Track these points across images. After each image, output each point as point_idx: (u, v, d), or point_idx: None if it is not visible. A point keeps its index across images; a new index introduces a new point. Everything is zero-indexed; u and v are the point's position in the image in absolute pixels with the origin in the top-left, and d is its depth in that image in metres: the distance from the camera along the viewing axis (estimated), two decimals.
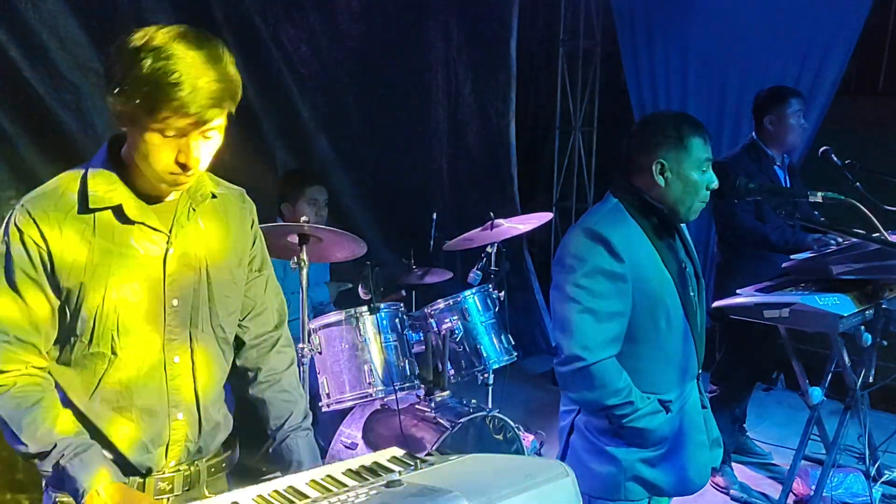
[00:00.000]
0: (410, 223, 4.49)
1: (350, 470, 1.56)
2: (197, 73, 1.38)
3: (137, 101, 1.38)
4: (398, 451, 1.65)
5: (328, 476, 1.52)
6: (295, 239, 2.75)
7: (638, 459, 1.99)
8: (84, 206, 1.51)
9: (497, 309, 3.38)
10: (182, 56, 1.37)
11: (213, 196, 1.66)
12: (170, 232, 1.58)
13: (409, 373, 2.98)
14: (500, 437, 3.07)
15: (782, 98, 3.51)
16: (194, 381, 1.64)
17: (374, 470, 1.55)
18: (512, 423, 3.06)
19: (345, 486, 1.47)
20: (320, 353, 2.88)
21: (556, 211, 5.96)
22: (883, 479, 3.67)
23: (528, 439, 3.64)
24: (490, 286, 3.42)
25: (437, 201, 4.95)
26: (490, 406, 3.32)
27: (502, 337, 3.30)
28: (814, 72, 4.45)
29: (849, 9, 4.34)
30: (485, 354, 3.20)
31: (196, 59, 1.39)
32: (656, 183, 1.98)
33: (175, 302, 1.59)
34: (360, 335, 2.88)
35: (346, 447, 2.97)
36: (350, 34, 4.55)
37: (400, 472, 1.48)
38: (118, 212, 1.53)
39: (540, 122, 6.12)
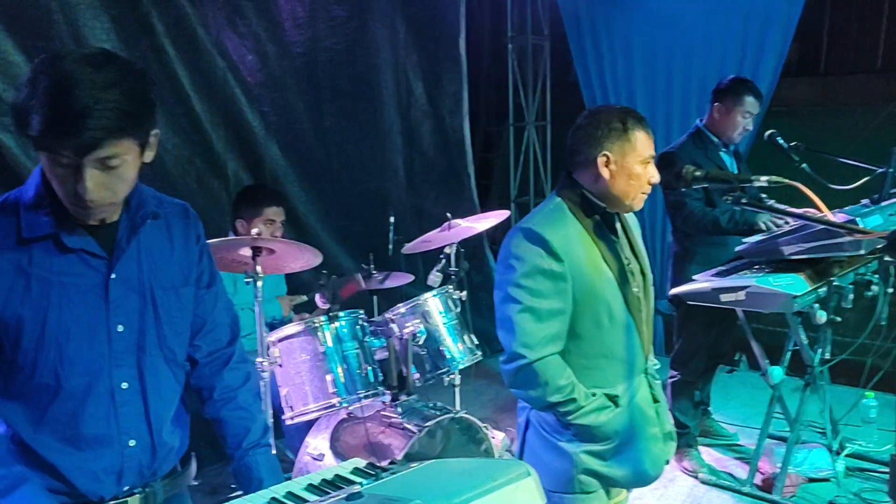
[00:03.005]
0: (369, 228, 4.47)
1: (311, 485, 1.54)
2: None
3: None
4: (360, 462, 1.64)
5: (289, 493, 1.50)
6: (248, 252, 2.71)
7: (588, 453, 2.01)
8: (18, 237, 1.46)
9: (459, 309, 3.37)
10: (80, 78, 1.33)
11: (155, 217, 1.61)
12: (111, 257, 1.53)
13: (373, 380, 2.96)
14: (468, 437, 3.06)
15: (739, 93, 3.55)
16: (145, 406, 1.60)
17: (336, 483, 1.54)
18: (479, 423, 3.06)
19: (305, 501, 1.45)
20: (280, 365, 2.84)
21: (515, 207, 5.98)
22: (846, 452, 3.75)
23: (497, 437, 3.64)
24: (451, 287, 3.41)
25: (394, 204, 4.94)
26: (458, 407, 3.31)
27: (465, 337, 3.29)
28: (755, 57, 4.54)
29: None
30: (449, 356, 3.19)
31: (94, 82, 1.34)
32: (601, 176, 1.99)
33: (120, 328, 1.55)
34: (321, 345, 2.85)
35: (313, 459, 2.94)
36: (296, 41, 4.52)
37: (361, 484, 1.46)
38: (55, 239, 1.48)
39: (493, 119, 6.15)
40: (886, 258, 1.59)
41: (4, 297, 1.46)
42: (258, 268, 2.64)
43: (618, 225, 2.10)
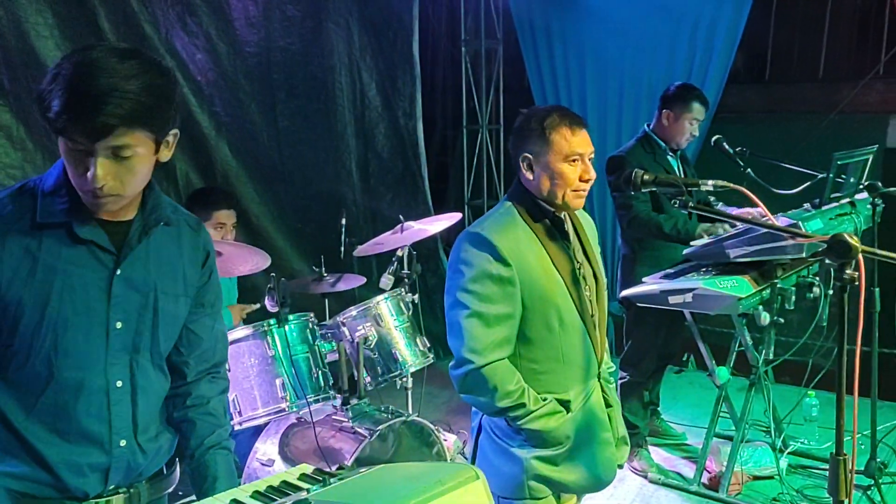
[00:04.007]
0: (323, 230, 4.43)
1: (257, 492, 1.51)
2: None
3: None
4: (308, 468, 1.62)
5: (234, 500, 1.48)
6: None
7: (539, 459, 2.00)
8: (32, 221, 1.48)
9: (411, 312, 3.36)
10: (103, 66, 1.36)
11: (167, 223, 1.62)
12: (119, 253, 1.54)
13: (323, 384, 2.94)
14: (420, 441, 3.05)
15: (686, 100, 3.61)
16: (136, 407, 1.60)
17: (283, 490, 1.52)
18: (431, 426, 3.05)
19: None
20: (228, 370, 2.79)
21: (469, 210, 6.00)
22: (789, 450, 3.85)
23: (450, 440, 3.64)
24: (403, 290, 3.40)
25: (348, 206, 4.90)
26: (410, 410, 3.30)
27: (418, 340, 3.28)
28: (703, 64, 4.64)
29: (733, 2, 4.54)
30: (400, 359, 3.18)
31: (116, 71, 1.37)
32: (527, 178, 2.01)
33: (118, 325, 1.55)
34: (270, 349, 2.82)
35: (262, 465, 2.89)
36: (249, 40, 4.46)
37: (308, 490, 1.45)
38: (68, 229, 1.49)
39: (447, 122, 6.15)
40: (827, 261, 1.63)
41: (9, 277, 1.46)
42: None
43: (569, 228, 2.10)
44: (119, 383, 1.57)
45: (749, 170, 3.47)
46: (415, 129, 5.34)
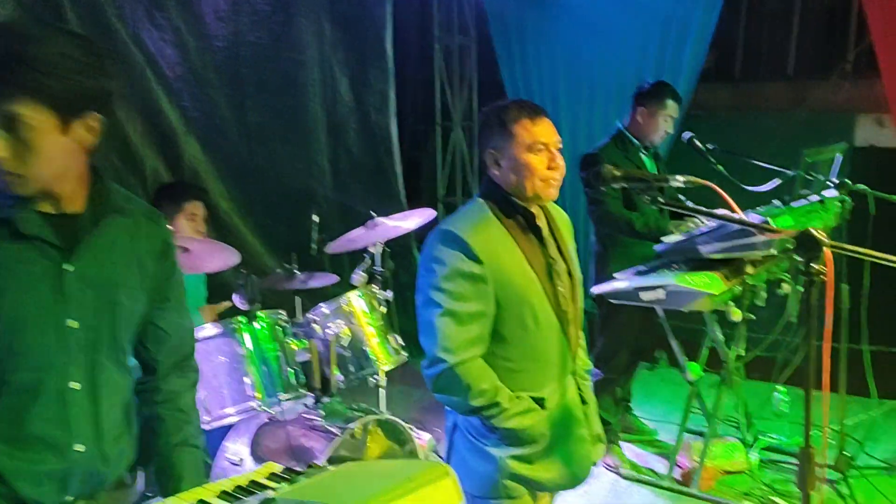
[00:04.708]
0: (293, 226, 4.38)
1: (224, 492, 1.49)
2: None
3: None
4: (276, 467, 1.59)
5: (201, 501, 1.44)
6: None
7: (514, 457, 1.98)
8: None
9: (385, 309, 3.33)
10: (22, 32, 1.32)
11: (120, 212, 1.54)
12: (69, 248, 1.47)
13: (294, 382, 2.90)
14: (393, 439, 3.03)
15: (660, 97, 3.63)
16: (95, 410, 1.53)
17: (249, 489, 1.49)
18: (403, 424, 3.03)
19: None
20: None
21: (443, 207, 5.98)
22: (759, 445, 3.89)
23: (424, 438, 3.62)
24: (375, 287, 3.37)
25: (319, 202, 4.86)
26: (383, 409, 3.27)
27: (391, 338, 3.25)
28: (674, 62, 4.67)
29: (704, 1, 4.57)
30: (373, 357, 3.14)
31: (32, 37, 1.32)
32: (496, 174, 2.00)
33: (73, 324, 1.48)
34: (239, 347, 2.77)
35: (231, 464, 2.85)
36: (218, 34, 4.40)
37: (275, 489, 1.42)
38: (9, 226, 1.41)
39: (421, 118, 6.13)
40: (796, 257, 1.64)
41: None
42: None
43: (543, 224, 2.08)
44: (77, 385, 1.50)
45: (720, 167, 3.49)
46: (387, 125, 5.31)
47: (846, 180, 3.50)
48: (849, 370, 3.52)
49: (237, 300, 2.80)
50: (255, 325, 2.84)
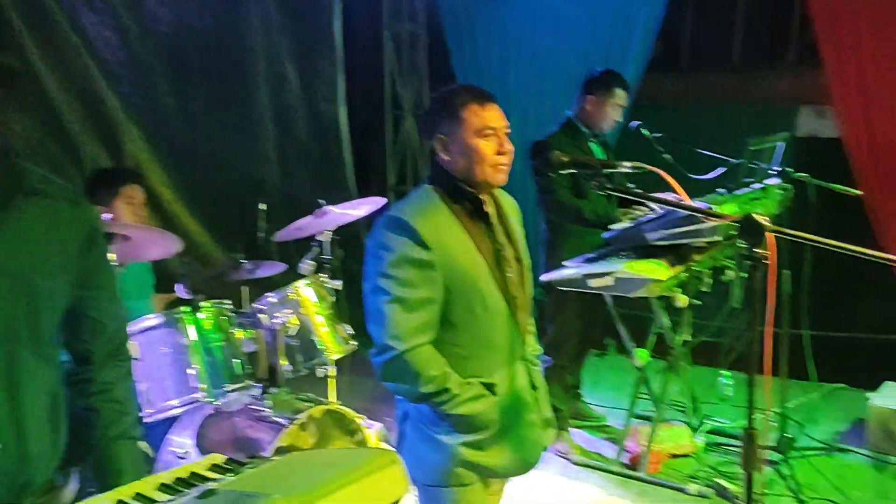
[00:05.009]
0: (241, 215, 4.30)
1: (164, 484, 1.44)
2: None
3: None
4: (219, 458, 1.55)
5: (138, 494, 1.40)
6: None
7: (465, 444, 1.97)
8: None
9: (334, 299, 3.30)
10: None
11: (35, 193, 1.45)
12: None
13: (240, 372, 2.84)
14: (342, 429, 3.00)
15: (608, 85, 3.65)
16: (15, 405, 1.43)
17: (191, 481, 1.44)
18: (353, 414, 3.00)
19: (155, 502, 1.36)
20: (139, 360, 2.67)
21: (394, 195, 5.95)
22: (705, 429, 3.97)
23: (374, 427, 3.59)
24: (324, 276, 3.32)
25: (267, 191, 4.78)
26: (332, 398, 3.24)
27: (340, 327, 3.22)
28: (621, 53, 4.71)
29: None
30: (322, 346, 3.10)
31: None
32: (445, 159, 1.98)
33: None
34: (183, 337, 2.70)
35: (176, 457, 2.78)
36: (160, 18, 4.29)
37: (218, 481, 1.38)
38: None
39: (372, 107, 6.08)
40: (740, 242, 1.66)
41: None
42: (112, 256, 2.46)
43: (491, 210, 2.07)
44: None
45: (667, 155, 3.53)
46: (336, 114, 5.25)
47: (788, 169, 3.58)
48: (790, 354, 3.61)
49: (180, 290, 2.73)
50: (200, 315, 2.78)
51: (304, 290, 3.13)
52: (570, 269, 3.32)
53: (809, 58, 4.49)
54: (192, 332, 2.74)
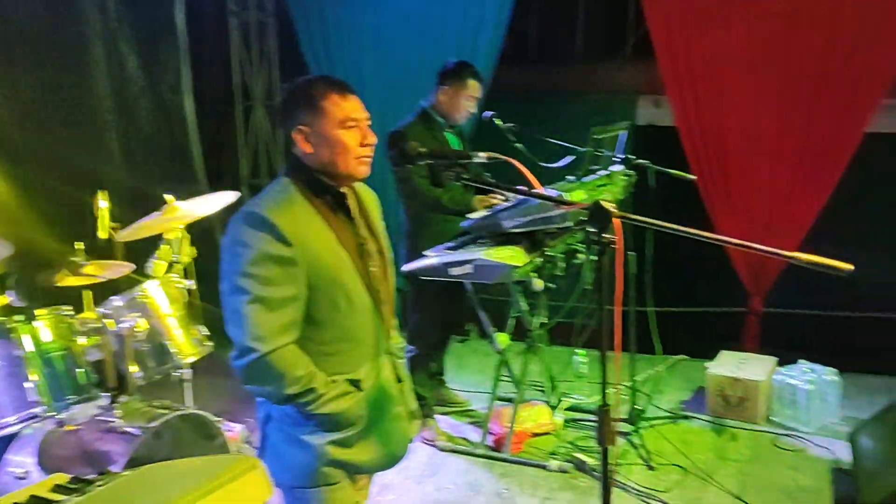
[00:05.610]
0: (79, 214, 4.00)
1: None
2: None
3: None
4: (63, 477, 1.44)
5: None
6: None
7: (331, 443, 1.95)
8: None
9: (186, 299, 3.15)
10: None
11: None
12: None
13: (84, 382, 2.66)
14: (201, 434, 2.88)
15: (461, 76, 3.69)
16: None
17: None
18: (212, 418, 2.89)
19: None
20: None
21: (248, 189, 5.77)
22: (563, 407, 4.14)
23: (236, 430, 3.48)
24: (174, 276, 3.16)
25: (109, 187, 4.48)
26: (188, 403, 3.10)
27: (193, 329, 3.08)
28: (470, 44, 4.80)
29: None
30: (174, 350, 2.96)
31: None
32: (305, 151, 1.94)
33: None
34: (18, 349, 2.49)
35: (15, 479, 2.56)
36: None
37: (62, 503, 1.29)
38: None
39: (221, 97, 5.85)
40: (589, 228, 1.73)
41: None
42: None
43: (352, 203, 2.04)
44: None
45: (520, 144, 3.64)
46: (182, 104, 5.01)
47: (630, 156, 3.78)
48: (637, 331, 3.83)
49: (12, 298, 2.51)
50: (35, 323, 2.57)
51: (152, 291, 2.97)
52: (431, 259, 3.35)
53: (645, 50, 4.76)
54: (27, 343, 2.53)
